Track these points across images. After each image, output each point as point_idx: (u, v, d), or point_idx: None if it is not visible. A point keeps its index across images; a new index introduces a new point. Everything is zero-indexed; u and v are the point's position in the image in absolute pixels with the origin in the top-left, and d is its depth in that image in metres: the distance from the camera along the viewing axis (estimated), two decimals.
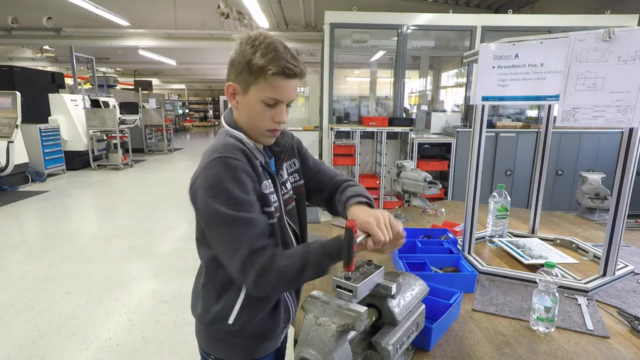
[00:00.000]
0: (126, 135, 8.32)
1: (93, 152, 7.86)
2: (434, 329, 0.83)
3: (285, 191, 1.03)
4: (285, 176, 1.06)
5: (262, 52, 0.85)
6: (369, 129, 4.56)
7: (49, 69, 11.44)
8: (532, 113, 5.26)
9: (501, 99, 1.16)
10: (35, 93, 7.32)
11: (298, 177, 1.10)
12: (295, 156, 1.11)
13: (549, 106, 1.44)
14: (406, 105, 7.08)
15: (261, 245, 0.83)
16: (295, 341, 0.85)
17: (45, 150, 6.78)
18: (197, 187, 0.84)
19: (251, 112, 0.90)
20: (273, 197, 0.94)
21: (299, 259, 0.84)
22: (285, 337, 1.14)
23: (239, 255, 0.81)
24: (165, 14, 7.27)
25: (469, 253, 1.32)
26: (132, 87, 12.94)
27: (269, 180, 0.94)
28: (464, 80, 5.48)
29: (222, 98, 15.66)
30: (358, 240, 0.80)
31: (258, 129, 0.92)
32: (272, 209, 0.92)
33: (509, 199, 1.43)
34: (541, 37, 1.07)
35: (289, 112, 0.94)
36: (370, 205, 0.95)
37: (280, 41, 0.89)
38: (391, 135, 4.74)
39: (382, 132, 4.52)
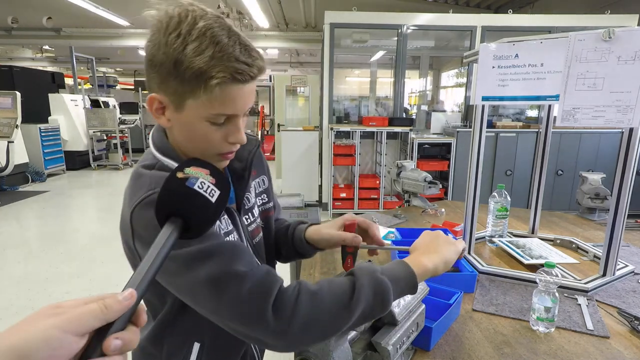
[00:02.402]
0: (126, 135, 8.32)
1: (93, 152, 7.86)
2: (434, 329, 0.82)
3: (251, 220, 0.81)
4: (253, 199, 0.82)
5: (197, 48, 0.57)
6: (369, 129, 4.56)
7: (49, 69, 11.45)
8: (532, 113, 5.26)
9: (501, 99, 1.16)
10: (35, 93, 7.32)
11: (267, 199, 0.88)
12: (264, 171, 0.89)
13: (549, 106, 1.44)
14: (406, 105, 7.09)
15: (259, 270, 0.61)
16: None
17: (45, 150, 6.77)
18: (141, 246, 0.63)
19: (192, 135, 0.65)
20: (230, 239, 0.72)
21: (342, 280, 0.63)
22: None
23: (228, 295, 0.58)
24: None
25: (469, 253, 1.32)
26: (132, 87, 12.93)
27: (225, 216, 0.72)
28: (464, 80, 5.48)
29: None
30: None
31: (205, 155, 0.66)
32: None
33: (509, 199, 1.43)
34: (541, 37, 1.07)
35: (246, 122, 0.68)
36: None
37: (221, 21, 0.60)
38: (391, 135, 4.74)
39: (382, 132, 4.52)
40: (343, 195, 4.68)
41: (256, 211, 0.83)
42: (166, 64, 0.58)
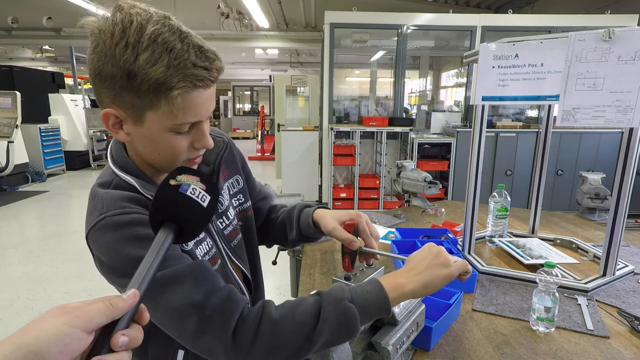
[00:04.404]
0: None
1: (93, 152, 7.86)
2: (434, 329, 0.82)
3: (227, 223, 0.78)
4: (226, 202, 0.79)
5: (150, 57, 0.53)
6: (369, 129, 4.56)
7: (49, 69, 11.44)
8: (532, 113, 5.26)
9: (501, 99, 1.16)
10: (35, 93, 7.32)
11: (243, 199, 0.85)
12: (239, 171, 0.85)
13: (549, 106, 1.44)
14: (406, 105, 7.09)
15: (219, 296, 0.59)
16: None
17: (45, 150, 6.78)
18: (103, 270, 0.63)
19: (157, 147, 0.62)
20: (204, 247, 0.70)
21: (307, 307, 0.61)
22: None
23: (188, 326, 0.57)
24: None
25: (469, 253, 1.32)
26: None
27: None
28: (464, 80, 5.48)
29: (222, 98, 15.46)
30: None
31: (173, 164, 0.64)
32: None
33: (509, 199, 1.43)
34: (541, 37, 1.07)
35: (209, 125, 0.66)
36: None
37: (169, 22, 0.56)
38: (391, 135, 4.74)
39: (382, 132, 4.52)
40: (343, 195, 4.68)
41: (232, 213, 0.80)
42: (118, 77, 0.54)
